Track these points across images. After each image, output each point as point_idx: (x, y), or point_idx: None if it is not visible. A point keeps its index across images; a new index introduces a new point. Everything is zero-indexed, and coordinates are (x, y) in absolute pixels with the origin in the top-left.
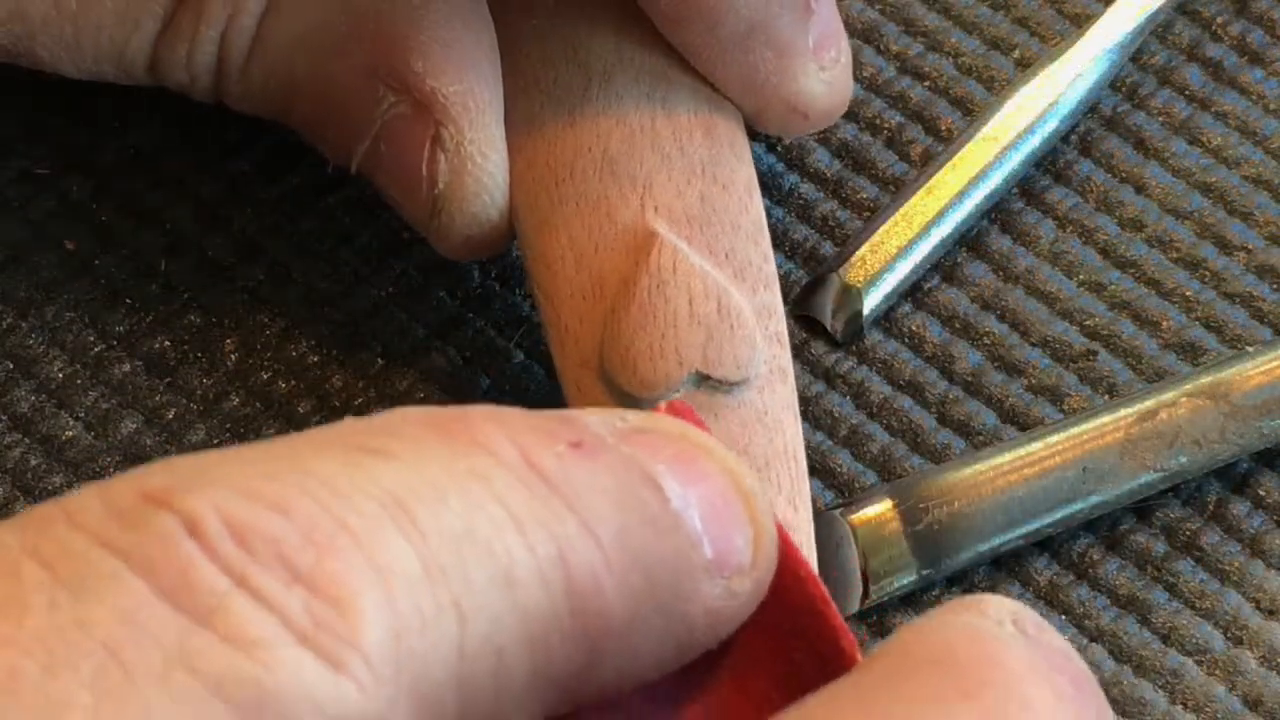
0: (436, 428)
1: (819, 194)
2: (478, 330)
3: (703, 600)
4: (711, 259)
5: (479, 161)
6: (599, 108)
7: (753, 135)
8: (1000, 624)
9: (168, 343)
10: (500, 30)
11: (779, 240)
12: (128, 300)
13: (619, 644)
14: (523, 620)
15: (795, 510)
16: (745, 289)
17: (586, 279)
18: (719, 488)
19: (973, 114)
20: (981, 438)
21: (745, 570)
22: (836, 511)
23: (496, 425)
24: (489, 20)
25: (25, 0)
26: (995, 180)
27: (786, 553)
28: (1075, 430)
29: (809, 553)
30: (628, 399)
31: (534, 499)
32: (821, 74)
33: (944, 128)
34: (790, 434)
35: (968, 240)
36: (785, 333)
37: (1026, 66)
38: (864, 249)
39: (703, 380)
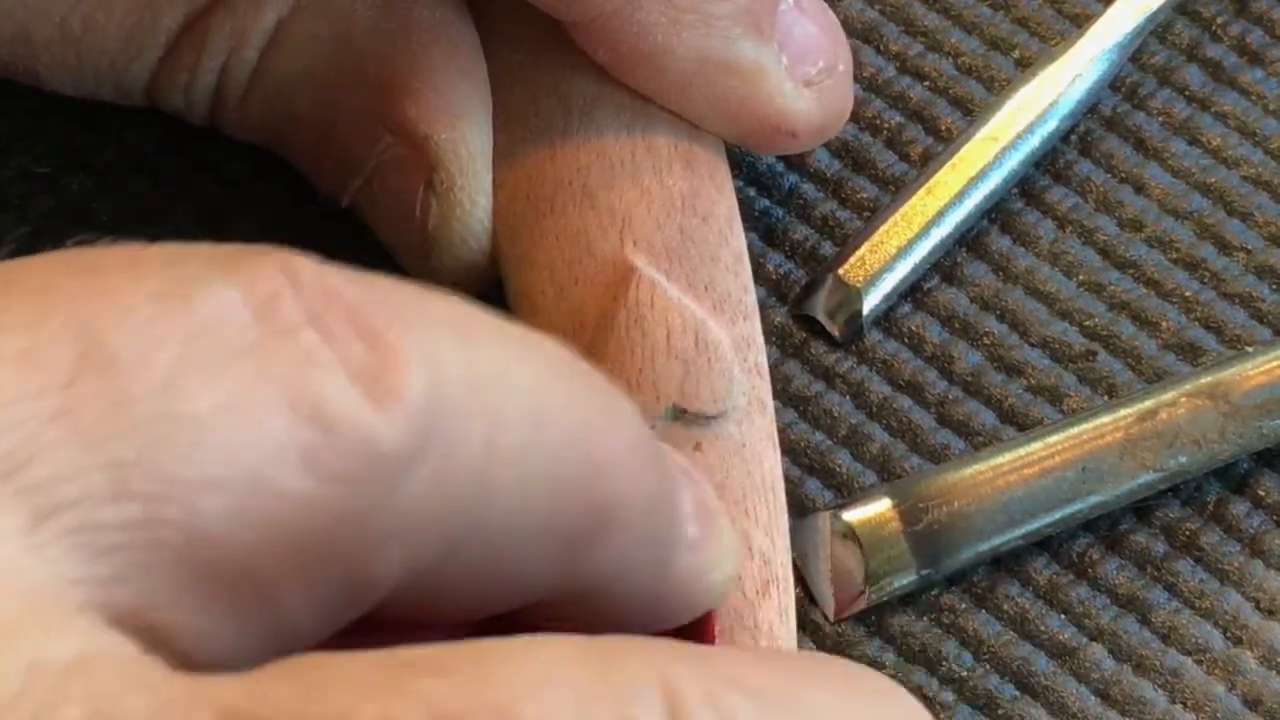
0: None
1: (819, 194)
2: None
3: (681, 562)
4: (690, 291)
5: (467, 208)
6: (580, 141)
7: None
8: None
9: None
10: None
11: (779, 240)
12: None
13: (620, 535)
14: (548, 463)
15: (773, 542)
16: (724, 321)
17: (566, 313)
18: (711, 503)
19: (973, 114)
20: (981, 438)
21: (715, 563)
22: (836, 511)
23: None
24: (483, 63)
25: (29, 22)
26: (995, 180)
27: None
28: (1075, 430)
29: (785, 579)
30: None
31: (575, 384)
32: (805, 89)
33: (944, 128)
34: (769, 466)
35: (968, 240)
36: (765, 364)
37: (1026, 66)
38: (864, 249)
39: (680, 414)
